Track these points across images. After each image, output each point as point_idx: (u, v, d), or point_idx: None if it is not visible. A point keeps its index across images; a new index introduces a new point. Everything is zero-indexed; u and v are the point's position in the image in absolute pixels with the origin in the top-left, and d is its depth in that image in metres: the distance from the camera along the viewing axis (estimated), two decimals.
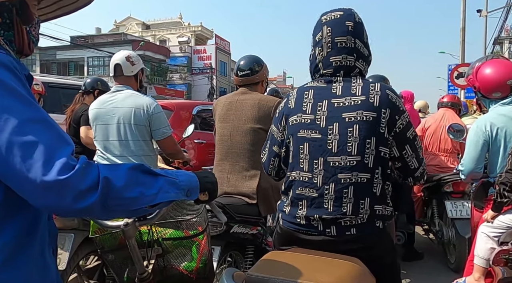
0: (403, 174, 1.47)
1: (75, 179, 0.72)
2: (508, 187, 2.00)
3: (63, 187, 0.71)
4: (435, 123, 3.84)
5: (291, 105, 1.49)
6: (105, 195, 0.75)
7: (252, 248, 2.33)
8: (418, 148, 1.44)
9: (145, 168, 0.86)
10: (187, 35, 38.93)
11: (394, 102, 1.38)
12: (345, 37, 1.40)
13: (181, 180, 0.94)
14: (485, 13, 16.83)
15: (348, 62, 1.41)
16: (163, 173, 0.90)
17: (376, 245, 1.38)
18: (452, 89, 11.57)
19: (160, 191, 0.86)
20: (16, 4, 0.88)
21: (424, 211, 3.89)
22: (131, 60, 2.43)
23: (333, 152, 1.36)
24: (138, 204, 0.82)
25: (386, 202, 1.40)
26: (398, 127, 1.38)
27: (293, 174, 1.45)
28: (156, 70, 32.73)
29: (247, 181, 2.25)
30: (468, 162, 2.32)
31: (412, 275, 3.25)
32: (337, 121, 1.37)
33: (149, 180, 0.85)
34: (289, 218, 1.46)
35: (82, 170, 0.74)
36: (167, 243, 1.55)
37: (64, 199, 0.72)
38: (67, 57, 31.46)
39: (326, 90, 1.43)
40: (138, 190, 0.81)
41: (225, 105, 2.39)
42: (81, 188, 0.73)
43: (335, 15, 1.43)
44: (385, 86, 1.41)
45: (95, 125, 2.42)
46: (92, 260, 2.41)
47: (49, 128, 0.76)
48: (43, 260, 0.86)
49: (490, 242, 2.10)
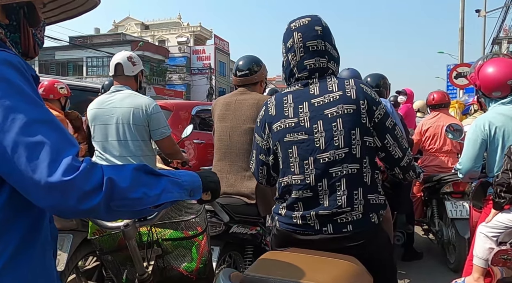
0: (389, 165, 1.50)
1: (79, 180, 0.72)
2: (504, 188, 2.01)
3: (68, 188, 0.72)
4: (433, 124, 3.84)
5: (272, 112, 1.52)
6: (109, 196, 0.76)
7: (251, 248, 2.33)
8: (400, 138, 1.47)
9: (149, 169, 0.86)
10: (186, 35, 38.94)
11: (369, 94, 1.44)
12: (315, 41, 1.47)
13: (184, 180, 0.94)
14: (484, 13, 16.86)
15: (321, 64, 1.48)
16: (166, 173, 0.91)
17: (372, 241, 1.40)
18: (451, 89, 11.59)
19: (164, 192, 0.86)
20: (23, 6, 0.88)
21: (424, 211, 3.89)
22: (132, 60, 2.44)
23: (321, 149, 1.40)
24: (142, 204, 0.82)
25: (378, 191, 1.44)
26: (377, 117, 1.43)
27: (286, 180, 1.46)
28: (155, 71, 32.72)
29: (246, 181, 2.24)
30: (466, 161, 2.32)
31: (412, 275, 3.25)
32: (320, 119, 1.41)
33: (153, 181, 0.85)
34: (285, 219, 1.47)
35: (86, 171, 0.74)
36: (167, 244, 1.55)
37: (69, 200, 0.72)
38: (66, 58, 31.44)
39: (304, 92, 1.48)
40: (141, 191, 0.82)
41: (224, 105, 2.39)
42: (86, 189, 0.73)
43: (303, 21, 1.50)
44: (358, 81, 1.48)
45: (94, 125, 2.40)
46: (91, 261, 2.40)
47: (55, 129, 0.76)
48: (44, 261, 0.86)
49: (488, 242, 2.10)
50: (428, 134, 3.83)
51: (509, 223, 2.04)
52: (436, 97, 3.96)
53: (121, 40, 32.39)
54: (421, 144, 3.91)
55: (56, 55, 31.49)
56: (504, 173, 2.01)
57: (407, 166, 1.49)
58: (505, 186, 2.00)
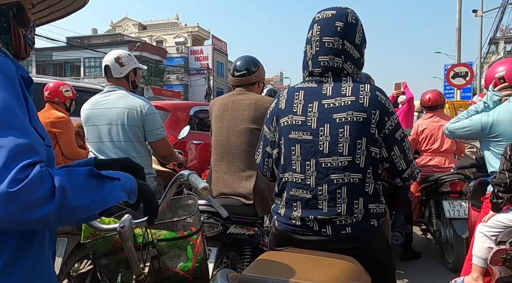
0: (391, 175, 1.47)
1: (25, 191, 0.69)
2: (502, 188, 2.01)
3: (11, 198, 0.68)
4: (429, 125, 3.82)
5: (282, 106, 1.48)
6: (61, 206, 0.73)
7: (249, 249, 2.31)
8: (407, 149, 1.43)
9: (95, 172, 0.83)
10: (183, 35, 38.92)
11: (383, 104, 1.38)
12: (332, 38, 1.39)
13: (124, 181, 0.90)
14: (481, 13, 16.91)
15: (335, 64, 1.41)
16: (106, 174, 0.86)
17: (371, 243, 1.39)
18: (448, 88, 11.63)
19: (109, 196, 0.83)
20: (12, 8, 0.89)
21: (422, 211, 3.89)
22: (120, 61, 2.36)
23: (324, 153, 1.36)
24: (89, 212, 0.80)
25: (379, 200, 1.41)
26: (387, 129, 1.38)
27: (286, 176, 1.44)
28: (153, 71, 32.65)
29: (243, 181, 2.23)
30: (458, 124, 2.38)
31: (410, 274, 3.25)
32: (328, 122, 1.37)
33: (99, 186, 0.82)
34: (284, 219, 1.46)
35: (36, 180, 0.70)
36: (162, 244, 1.54)
37: (10, 211, 0.68)
38: (63, 58, 31.36)
39: (316, 91, 1.42)
40: (90, 198, 0.79)
41: (222, 105, 2.38)
42: (32, 199, 0.70)
43: (327, 14, 1.42)
44: (375, 87, 1.41)
45: (87, 126, 2.36)
46: (85, 264, 2.36)
47: (18, 135, 0.72)
48: (43, 263, 0.85)
49: (487, 241, 2.10)
50: (425, 135, 3.80)
51: (508, 223, 2.04)
52: (432, 98, 3.85)
53: (119, 41, 32.31)
54: (417, 145, 3.90)
55: (53, 56, 31.43)
56: (501, 173, 2.01)
57: (408, 177, 1.47)
58: (503, 186, 2.00)
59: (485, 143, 2.30)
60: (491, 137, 2.24)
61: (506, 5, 15.06)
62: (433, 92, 3.92)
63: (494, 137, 2.22)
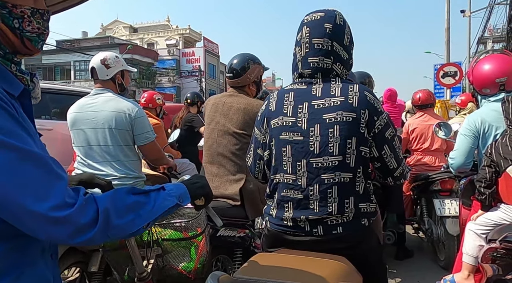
0: (382, 174, 1.48)
1: (74, 216, 0.74)
2: (483, 183, 2.03)
3: (64, 223, 0.73)
4: (419, 124, 3.86)
5: (272, 107, 1.49)
6: (105, 227, 0.77)
7: (241, 251, 2.30)
8: (397, 148, 1.45)
9: (137, 190, 0.88)
10: (175, 38, 38.79)
11: (372, 104, 1.39)
12: (322, 39, 1.41)
13: (169, 188, 0.95)
14: (469, 13, 17.15)
15: (325, 65, 1.42)
16: (149, 188, 0.92)
17: (362, 242, 1.40)
18: (438, 88, 11.74)
19: (155, 205, 0.88)
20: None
21: (414, 210, 3.92)
22: (106, 63, 2.32)
23: (315, 154, 1.37)
24: (136, 226, 0.84)
25: (370, 200, 1.42)
26: (377, 128, 1.39)
27: (277, 177, 1.45)
28: (145, 74, 32.50)
29: (231, 184, 2.22)
30: (458, 156, 2.33)
31: (402, 273, 3.26)
32: (318, 123, 1.38)
33: (142, 199, 0.87)
34: (276, 220, 1.46)
35: (81, 206, 0.75)
36: (166, 244, 1.59)
37: (62, 235, 0.74)
38: (53, 62, 31.07)
39: (306, 92, 1.44)
40: (134, 214, 0.83)
41: (213, 107, 2.36)
42: (79, 224, 0.74)
43: (315, 16, 1.44)
44: (363, 87, 1.42)
45: (74, 130, 2.30)
46: (74, 271, 2.30)
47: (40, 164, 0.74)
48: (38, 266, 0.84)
49: (478, 239, 2.11)
50: (415, 134, 3.84)
51: (498, 220, 2.05)
52: (422, 97, 3.94)
53: (109, 43, 32.11)
54: (408, 144, 3.93)
55: (43, 60, 31.09)
56: (482, 169, 2.05)
57: (399, 176, 1.48)
58: (483, 182, 2.03)
59: (481, 144, 2.31)
60: (487, 135, 2.24)
61: (493, 5, 15.28)
62: (424, 92, 4.02)
63: (489, 136, 2.23)
